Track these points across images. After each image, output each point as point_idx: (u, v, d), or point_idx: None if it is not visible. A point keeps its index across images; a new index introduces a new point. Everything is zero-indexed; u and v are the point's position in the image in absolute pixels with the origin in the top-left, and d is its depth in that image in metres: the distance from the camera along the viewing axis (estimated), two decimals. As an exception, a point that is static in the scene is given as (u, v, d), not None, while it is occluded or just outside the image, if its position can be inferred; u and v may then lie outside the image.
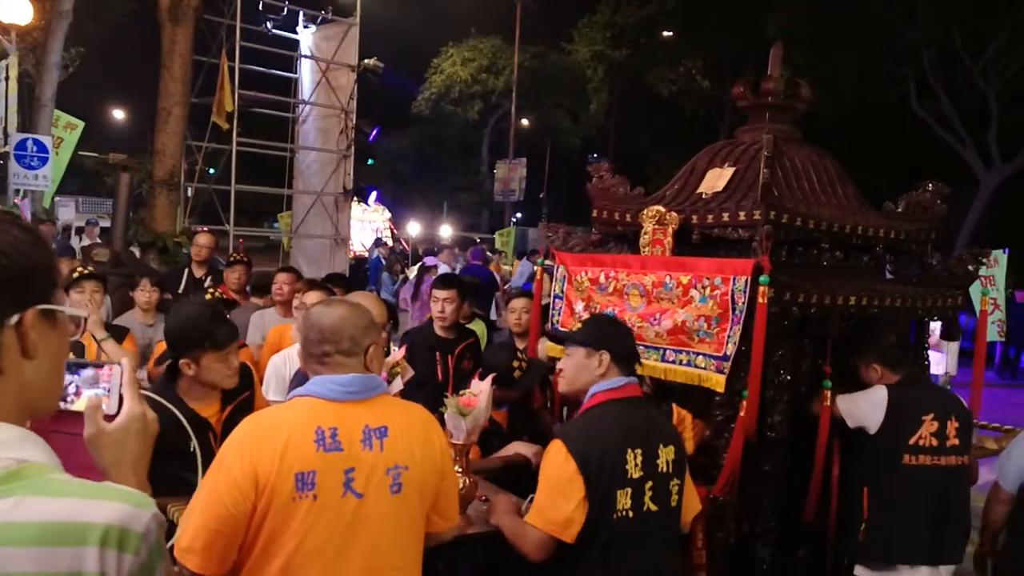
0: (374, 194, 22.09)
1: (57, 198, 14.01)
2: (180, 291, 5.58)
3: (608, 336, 2.37)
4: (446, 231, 25.25)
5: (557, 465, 2.18)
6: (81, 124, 10.08)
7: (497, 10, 24.60)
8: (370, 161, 26.39)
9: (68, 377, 1.12)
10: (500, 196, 21.49)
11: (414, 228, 25.76)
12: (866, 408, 2.94)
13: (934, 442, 2.89)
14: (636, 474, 2.20)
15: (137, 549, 0.88)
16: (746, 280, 2.77)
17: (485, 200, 28.68)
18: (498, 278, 11.52)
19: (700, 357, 2.90)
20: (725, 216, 3.04)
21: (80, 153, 11.05)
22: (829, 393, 3.01)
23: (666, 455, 2.28)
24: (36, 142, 8.57)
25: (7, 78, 9.34)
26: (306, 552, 1.72)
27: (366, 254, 16.52)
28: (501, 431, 3.26)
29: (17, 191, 8.63)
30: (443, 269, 9.26)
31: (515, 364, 3.24)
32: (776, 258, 2.90)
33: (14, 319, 0.92)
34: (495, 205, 26.55)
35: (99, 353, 3.72)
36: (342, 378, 1.83)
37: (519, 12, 21.80)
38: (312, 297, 3.65)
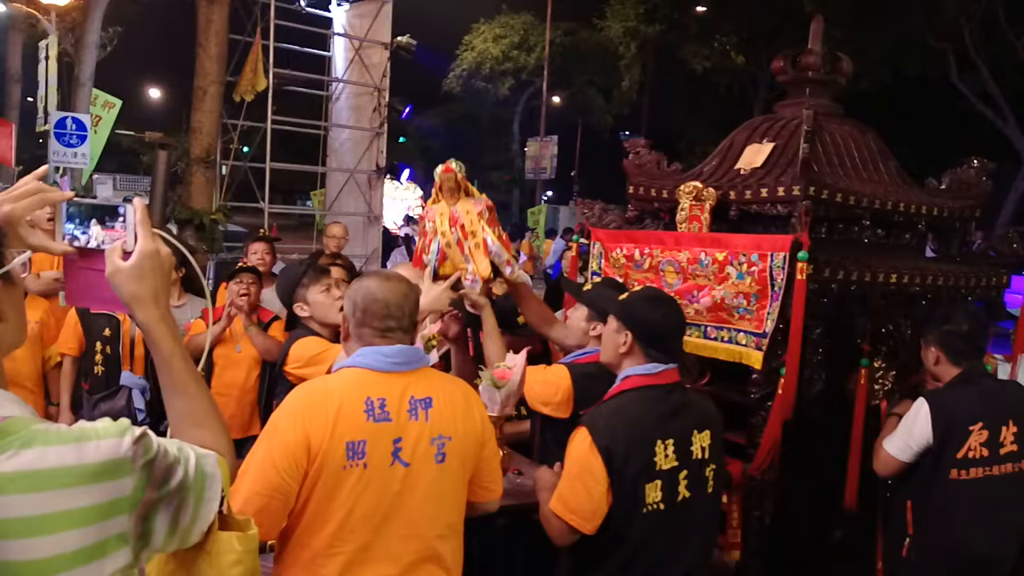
0: (407, 172, 22.13)
1: (95, 176, 14.24)
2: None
3: (640, 316, 2.24)
4: (477, 209, 25.13)
5: (582, 455, 2.10)
6: (119, 103, 10.20)
7: (528, -14, 24.38)
8: (402, 139, 26.45)
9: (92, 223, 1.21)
10: (531, 174, 21.37)
11: (445, 207, 25.63)
12: (917, 431, 2.68)
13: (984, 452, 2.64)
14: (667, 466, 2.11)
15: (131, 470, 0.99)
16: (784, 256, 2.74)
17: (516, 178, 28.58)
18: (523, 256, 11.50)
19: (741, 334, 2.88)
20: (764, 192, 3.01)
21: (117, 131, 11.18)
22: (865, 372, 2.97)
23: (700, 441, 2.19)
24: (75, 120, 8.71)
25: (47, 57, 9.50)
26: (356, 519, 1.76)
27: (398, 232, 16.59)
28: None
29: (57, 169, 8.79)
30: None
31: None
32: (815, 234, 2.86)
33: None
34: (526, 183, 26.46)
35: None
36: (389, 349, 1.87)
37: (550, -12, 21.52)
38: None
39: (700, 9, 22.24)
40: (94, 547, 0.94)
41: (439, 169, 3.00)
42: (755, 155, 3.35)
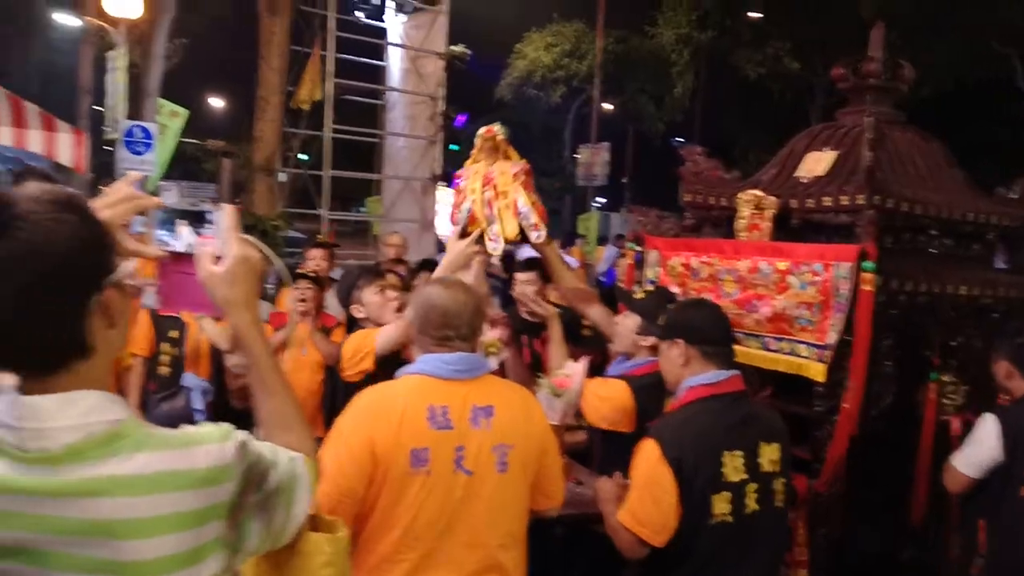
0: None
1: (161, 183, 14.70)
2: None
3: (683, 321, 2.27)
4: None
5: (650, 467, 2.08)
6: (185, 112, 10.48)
7: (580, -5, 24.37)
8: (454, 147, 26.65)
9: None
10: (583, 181, 21.27)
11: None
12: (986, 446, 2.65)
13: None
14: (735, 478, 2.08)
15: (233, 476, 1.02)
16: (849, 267, 2.69)
17: (568, 185, 28.56)
18: (574, 262, 11.46)
19: (802, 346, 2.82)
20: (827, 200, 2.97)
21: (181, 140, 11.53)
22: (935, 386, 2.90)
23: (769, 453, 2.15)
24: (142, 129, 9.03)
25: (116, 68, 9.86)
26: (420, 525, 1.79)
27: (443, 238, 16.71)
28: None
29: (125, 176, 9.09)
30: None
31: (585, 323, 3.46)
32: (881, 244, 2.81)
33: (97, 300, 1.00)
34: (578, 190, 26.38)
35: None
36: (450, 357, 1.90)
37: (602, -4, 21.48)
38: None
39: (753, 15, 21.94)
40: (194, 551, 0.97)
41: (481, 130, 2.99)
42: (816, 163, 3.31)
